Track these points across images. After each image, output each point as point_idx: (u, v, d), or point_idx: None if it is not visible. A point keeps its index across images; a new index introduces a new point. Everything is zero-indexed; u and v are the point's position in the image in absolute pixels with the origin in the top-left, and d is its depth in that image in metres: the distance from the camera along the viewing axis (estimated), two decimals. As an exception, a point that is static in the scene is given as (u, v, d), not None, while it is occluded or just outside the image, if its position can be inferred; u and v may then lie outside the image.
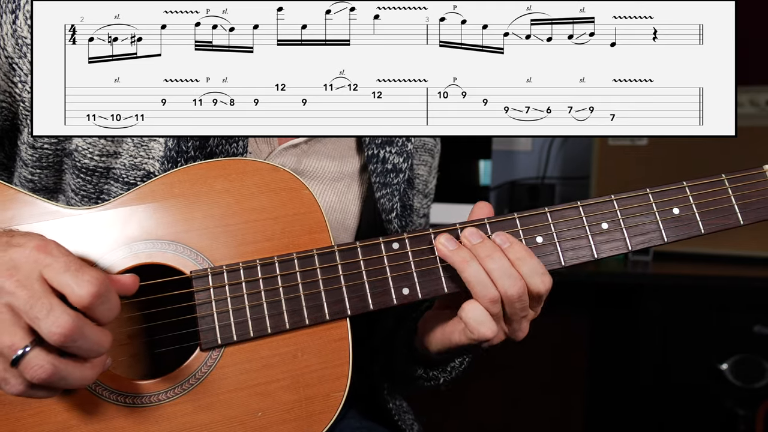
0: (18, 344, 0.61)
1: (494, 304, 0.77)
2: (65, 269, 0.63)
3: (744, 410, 1.91)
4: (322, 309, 0.78)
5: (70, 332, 0.61)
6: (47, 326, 0.61)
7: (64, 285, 0.62)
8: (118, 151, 0.86)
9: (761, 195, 0.84)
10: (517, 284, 0.77)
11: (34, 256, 0.63)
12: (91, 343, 0.64)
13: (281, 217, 0.81)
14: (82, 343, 0.63)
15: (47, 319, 0.61)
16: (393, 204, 0.97)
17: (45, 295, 0.62)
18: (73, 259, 0.64)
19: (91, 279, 0.63)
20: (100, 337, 0.65)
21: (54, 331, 0.61)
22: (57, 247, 0.65)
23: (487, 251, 0.78)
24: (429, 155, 1.09)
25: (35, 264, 0.63)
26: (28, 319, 0.62)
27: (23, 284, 0.62)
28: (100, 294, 0.63)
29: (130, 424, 0.74)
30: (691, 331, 1.97)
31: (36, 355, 0.62)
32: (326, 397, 0.78)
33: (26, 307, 0.61)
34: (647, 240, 0.82)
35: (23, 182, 0.90)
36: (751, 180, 0.85)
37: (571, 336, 2.55)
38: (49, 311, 0.61)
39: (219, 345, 0.76)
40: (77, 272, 0.63)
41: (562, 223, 0.83)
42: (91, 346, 0.64)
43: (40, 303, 0.61)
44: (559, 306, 2.50)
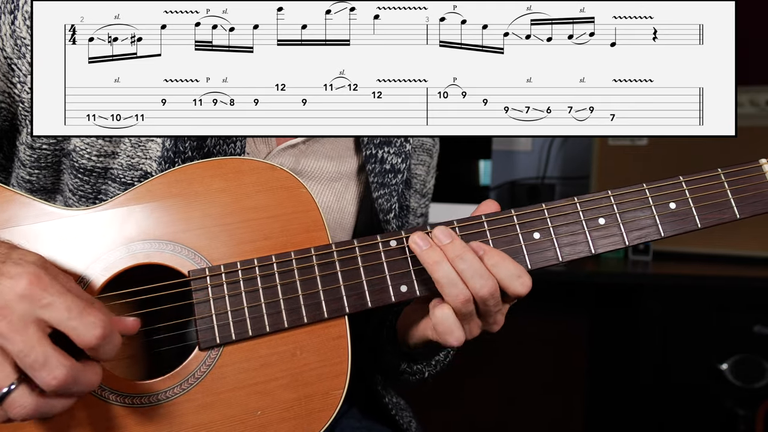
0: (3, 382, 0.60)
1: (466, 304, 0.76)
2: (68, 312, 0.61)
3: (744, 410, 1.91)
4: (321, 307, 0.79)
5: (65, 383, 0.61)
6: (42, 377, 0.60)
7: (70, 329, 0.61)
8: (115, 152, 0.86)
9: (757, 189, 0.84)
10: (488, 284, 0.76)
11: (29, 294, 0.61)
12: (82, 387, 0.63)
13: (279, 216, 0.81)
14: (75, 389, 0.63)
15: (43, 370, 0.60)
16: (391, 204, 0.97)
17: (39, 343, 0.60)
18: (73, 299, 0.62)
19: (96, 321, 0.62)
20: (92, 378, 0.64)
21: (50, 382, 0.60)
22: (52, 282, 0.62)
23: (457, 251, 0.76)
24: (427, 155, 1.09)
25: (30, 304, 0.61)
26: (22, 365, 0.60)
27: (17, 328, 0.60)
28: (105, 336, 0.62)
29: (129, 424, 0.74)
30: (691, 331, 1.97)
31: (21, 395, 0.61)
32: (325, 395, 0.78)
33: (20, 354, 0.60)
34: (644, 235, 0.83)
35: (21, 183, 0.90)
36: (747, 174, 0.85)
37: (571, 336, 2.55)
38: (44, 362, 0.60)
39: (217, 344, 0.76)
40: (81, 315, 0.61)
41: (559, 219, 0.82)
42: (82, 390, 0.64)
43: (35, 352, 0.60)
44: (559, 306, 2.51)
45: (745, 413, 1.90)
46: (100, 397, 0.74)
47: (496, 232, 0.82)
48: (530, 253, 0.81)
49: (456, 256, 0.76)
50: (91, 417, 0.73)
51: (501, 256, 0.78)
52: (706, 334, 1.96)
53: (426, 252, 0.77)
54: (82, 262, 0.76)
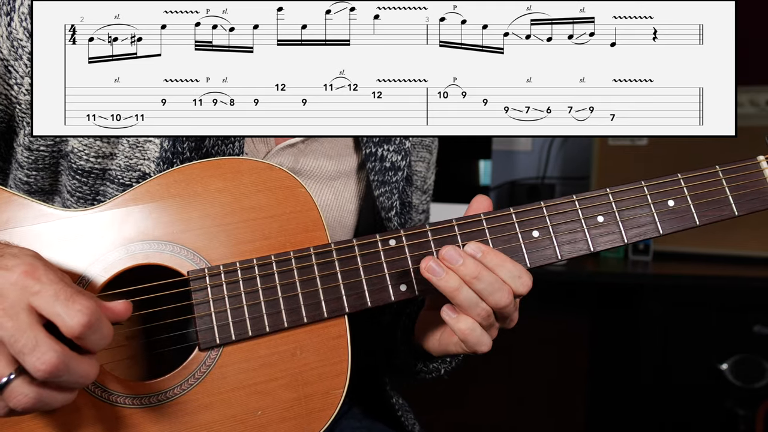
0: (1, 372, 0.60)
1: (488, 318, 0.78)
2: (55, 298, 0.61)
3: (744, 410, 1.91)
4: (320, 307, 0.79)
5: (55, 369, 0.60)
6: (32, 362, 0.60)
7: (54, 315, 0.61)
8: (113, 153, 0.86)
9: (755, 186, 0.85)
10: (506, 294, 0.77)
11: (21, 283, 0.61)
12: (76, 377, 0.63)
13: (278, 216, 0.81)
14: (68, 378, 0.62)
15: (32, 354, 0.59)
16: (392, 202, 0.97)
17: (30, 328, 0.60)
18: (62, 287, 0.62)
19: (81, 309, 0.61)
20: (87, 369, 0.64)
21: (39, 367, 0.60)
22: (46, 271, 0.63)
23: (472, 272, 0.76)
24: (427, 151, 1.10)
25: (22, 291, 0.61)
26: (13, 352, 0.60)
27: (9, 314, 0.60)
28: (90, 324, 0.61)
29: (128, 424, 0.74)
30: (691, 331, 1.98)
31: (19, 385, 0.61)
32: (325, 394, 0.78)
33: (11, 339, 0.60)
34: (643, 232, 0.83)
35: (18, 184, 0.90)
36: (745, 171, 0.85)
37: (571, 336, 2.55)
38: (34, 346, 0.59)
39: (217, 345, 0.76)
40: (67, 301, 0.61)
41: (558, 217, 0.83)
42: (76, 380, 0.63)
43: (26, 336, 0.60)
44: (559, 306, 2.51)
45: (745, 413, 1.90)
46: (99, 398, 0.73)
47: (495, 230, 0.82)
48: (529, 252, 0.82)
49: (473, 278, 0.76)
50: (90, 417, 0.73)
51: (500, 258, 0.78)
52: (706, 334, 1.96)
53: (443, 280, 0.76)
54: (82, 263, 0.76)
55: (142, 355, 0.84)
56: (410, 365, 0.99)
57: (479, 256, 0.77)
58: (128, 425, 0.74)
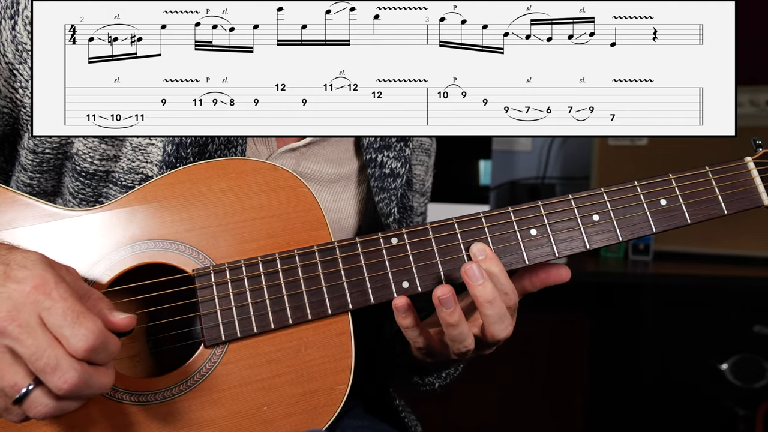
0: (20, 384, 0.61)
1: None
2: (63, 318, 0.61)
3: (744, 410, 1.91)
4: (324, 304, 0.79)
5: (76, 387, 0.61)
6: (54, 381, 0.61)
7: (61, 336, 0.62)
8: (117, 155, 0.86)
9: (743, 186, 0.87)
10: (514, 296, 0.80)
11: (33, 297, 0.62)
12: (94, 390, 0.64)
13: (281, 215, 0.81)
14: (87, 392, 0.63)
15: (54, 374, 0.61)
16: (390, 209, 0.98)
17: (50, 346, 0.61)
18: (71, 305, 0.62)
19: (87, 333, 0.61)
20: (105, 381, 0.65)
21: (61, 386, 0.61)
22: (56, 285, 0.63)
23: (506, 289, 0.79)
24: (426, 155, 1.10)
25: (34, 306, 0.62)
26: (34, 369, 0.61)
27: (26, 330, 0.61)
28: (95, 348, 0.62)
29: (135, 421, 0.74)
30: (691, 331, 1.98)
31: (38, 395, 0.62)
32: (330, 390, 0.78)
33: (32, 357, 0.61)
34: (637, 230, 0.84)
35: (21, 187, 0.90)
36: (733, 171, 0.87)
37: (571, 336, 2.55)
38: (56, 366, 0.60)
39: (223, 341, 0.77)
40: (74, 323, 0.61)
41: (554, 216, 0.84)
42: (94, 392, 0.64)
43: (47, 356, 0.60)
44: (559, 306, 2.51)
45: (745, 413, 1.90)
46: (105, 395, 0.74)
47: (494, 229, 0.83)
48: (528, 249, 0.82)
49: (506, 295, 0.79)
50: (95, 414, 0.73)
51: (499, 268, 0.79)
52: (706, 334, 1.96)
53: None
54: (86, 262, 0.76)
55: (146, 353, 0.85)
56: (407, 378, 1.01)
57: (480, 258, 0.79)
58: (134, 422, 0.74)
